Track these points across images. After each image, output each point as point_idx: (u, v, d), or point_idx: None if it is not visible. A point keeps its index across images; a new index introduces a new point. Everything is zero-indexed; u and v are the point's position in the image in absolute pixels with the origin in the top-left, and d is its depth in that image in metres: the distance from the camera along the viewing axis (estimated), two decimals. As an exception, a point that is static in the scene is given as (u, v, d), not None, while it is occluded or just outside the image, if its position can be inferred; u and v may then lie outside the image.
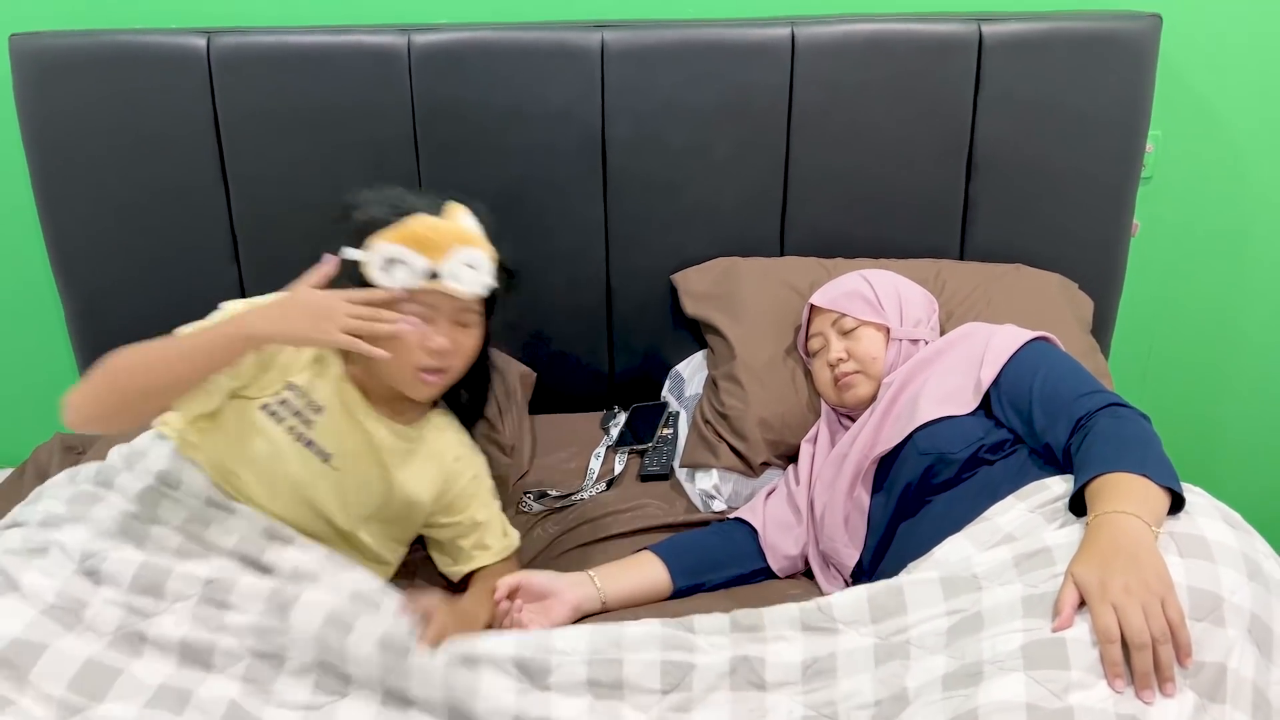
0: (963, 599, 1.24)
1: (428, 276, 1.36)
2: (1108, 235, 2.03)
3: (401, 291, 1.35)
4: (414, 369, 1.40)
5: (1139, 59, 1.91)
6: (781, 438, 1.75)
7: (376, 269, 1.35)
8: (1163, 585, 1.13)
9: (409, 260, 1.35)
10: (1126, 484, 1.24)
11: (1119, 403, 1.40)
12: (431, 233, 1.37)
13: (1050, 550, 1.24)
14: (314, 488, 1.43)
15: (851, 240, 1.98)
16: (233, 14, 1.91)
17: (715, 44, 1.88)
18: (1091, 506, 1.24)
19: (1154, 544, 1.17)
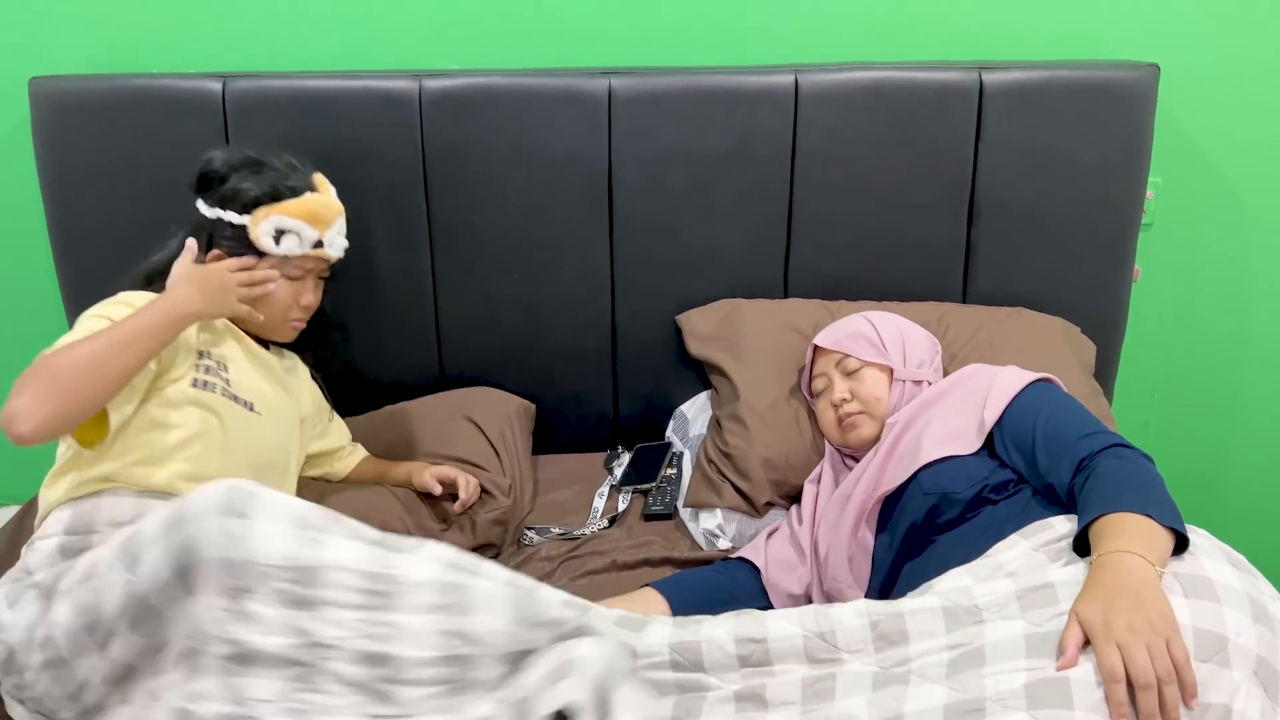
0: (965, 631, 1.24)
1: (313, 245, 1.56)
2: (1109, 280, 2.05)
3: (278, 258, 1.54)
4: (285, 320, 1.59)
5: (1137, 108, 1.94)
6: (785, 478, 1.76)
7: (265, 236, 1.53)
8: (1167, 625, 1.13)
9: (302, 232, 1.55)
10: (1130, 523, 1.24)
11: (1122, 443, 1.41)
12: (323, 209, 1.57)
13: (1054, 586, 1.24)
14: (259, 438, 1.52)
15: (855, 284, 2.00)
16: (249, 59, 1.95)
17: (720, 90, 1.91)
18: (1095, 546, 1.24)
19: (1158, 583, 1.17)
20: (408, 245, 1.97)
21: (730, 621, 1.34)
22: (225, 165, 1.55)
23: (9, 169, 2.02)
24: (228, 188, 1.54)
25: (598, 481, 1.96)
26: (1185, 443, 2.32)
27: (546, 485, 1.95)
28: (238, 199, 1.53)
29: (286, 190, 1.55)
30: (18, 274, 2.13)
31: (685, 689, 1.28)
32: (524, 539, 1.80)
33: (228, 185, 1.54)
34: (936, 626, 1.26)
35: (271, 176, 1.55)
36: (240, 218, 1.53)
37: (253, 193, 1.53)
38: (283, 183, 1.55)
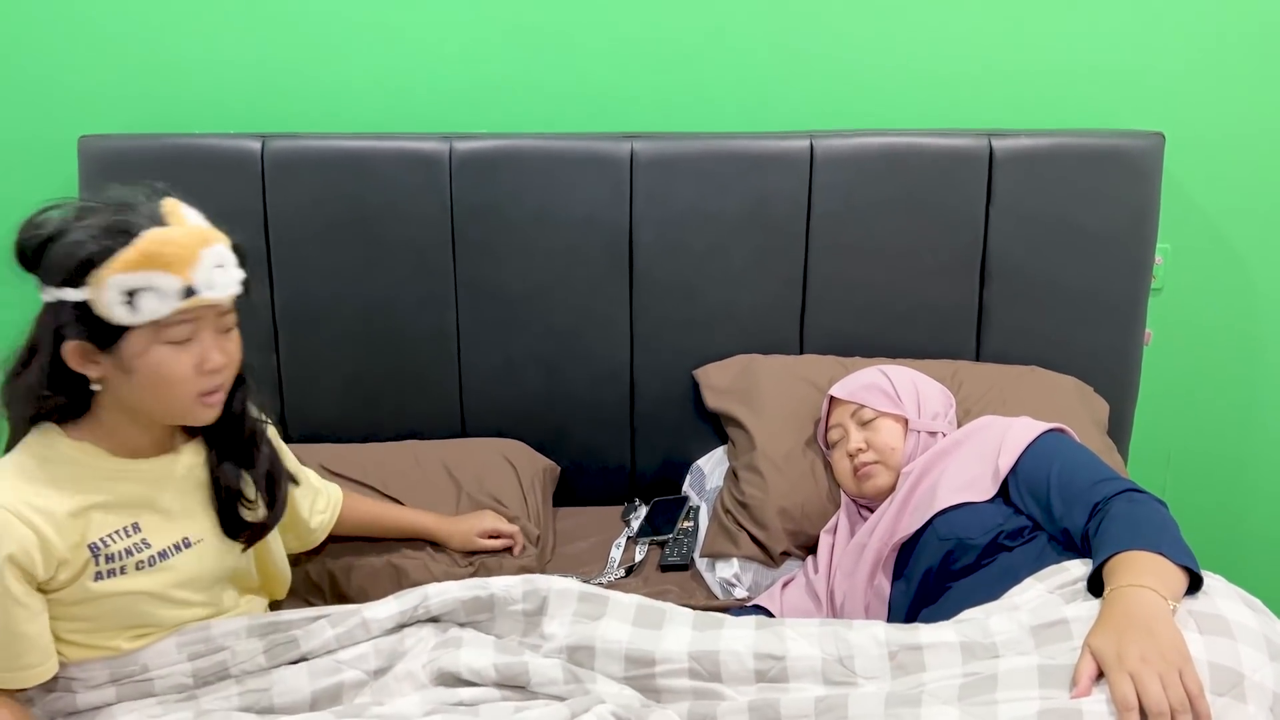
0: (980, 664, 1.25)
1: (183, 296, 1.20)
2: (1121, 343, 2.08)
3: (146, 327, 1.20)
4: (194, 397, 1.26)
5: (1144, 175, 2.00)
6: (801, 528, 1.78)
7: (116, 306, 1.17)
8: (1179, 656, 1.13)
9: (158, 285, 1.18)
10: (1142, 561, 1.25)
11: (1135, 488, 1.43)
12: (171, 246, 1.19)
13: (1068, 623, 1.25)
14: (208, 566, 1.36)
15: (869, 343, 2.04)
16: (287, 120, 2.04)
17: (738, 154, 1.98)
18: (1108, 582, 1.25)
19: (1170, 616, 1.18)
20: (434, 302, 2.03)
21: (751, 633, 1.34)
22: (51, 227, 1.19)
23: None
24: (54, 258, 1.17)
25: (615, 533, 1.98)
26: (1202, 510, 2.32)
27: (564, 536, 1.97)
28: (67, 268, 1.16)
29: (118, 238, 1.17)
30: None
31: (700, 695, 1.29)
32: (542, 587, 1.81)
33: (52, 254, 1.17)
34: (953, 658, 1.27)
35: (99, 228, 1.17)
36: (79, 292, 1.17)
37: (79, 254, 1.16)
38: (113, 230, 1.17)
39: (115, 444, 1.30)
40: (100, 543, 1.26)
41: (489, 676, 1.31)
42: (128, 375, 1.23)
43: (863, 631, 1.32)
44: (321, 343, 2.05)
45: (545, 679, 1.31)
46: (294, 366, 2.06)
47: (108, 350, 1.22)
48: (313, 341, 2.05)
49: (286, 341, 2.05)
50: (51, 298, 1.20)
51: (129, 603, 1.30)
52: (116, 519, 1.28)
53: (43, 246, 1.19)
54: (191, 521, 1.35)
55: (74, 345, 1.21)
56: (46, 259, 1.19)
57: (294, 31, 2.02)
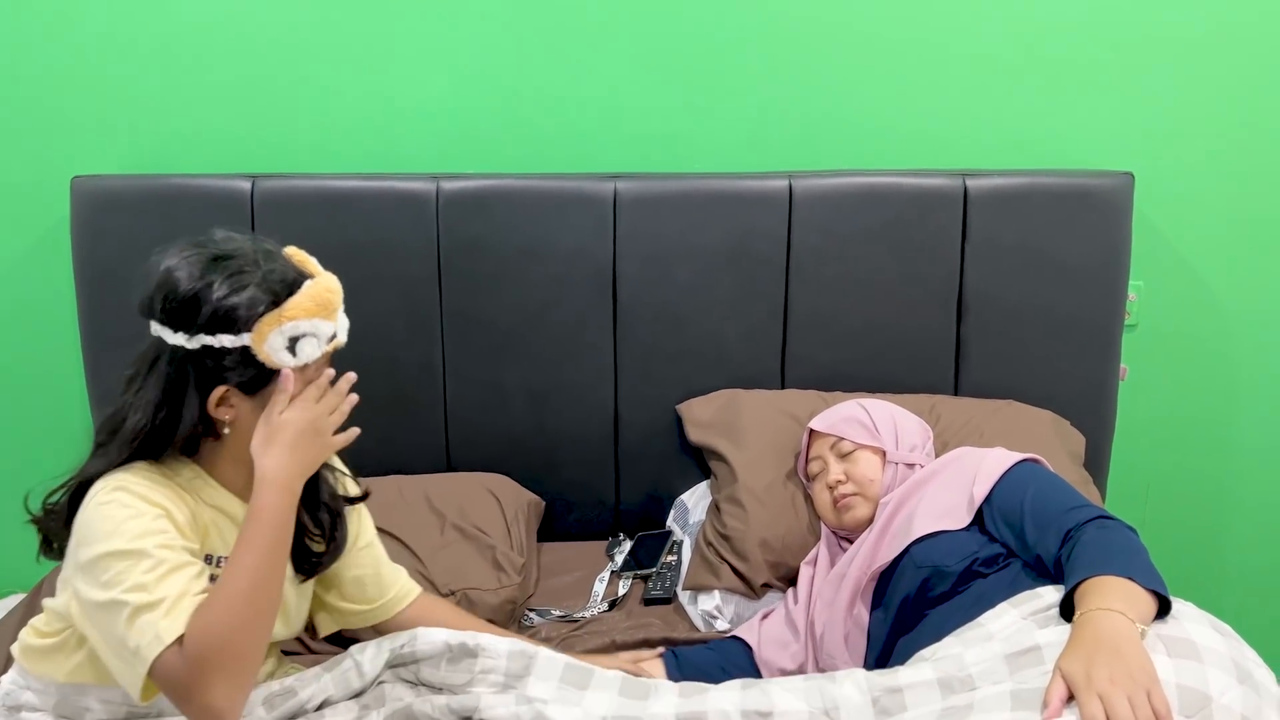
0: (958, 697, 1.27)
1: (329, 340, 1.29)
2: (1097, 379, 2.11)
3: (299, 367, 1.25)
4: None
5: (1114, 214, 2.05)
6: (782, 559, 1.79)
7: (279, 352, 1.23)
8: (1147, 677, 1.15)
9: (319, 332, 1.26)
10: (1111, 585, 1.28)
11: (1107, 515, 1.45)
12: (331, 294, 1.29)
13: (1040, 649, 1.27)
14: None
15: (849, 377, 2.07)
16: (277, 161, 2.08)
17: (719, 194, 2.03)
18: (1078, 606, 1.27)
19: (1138, 638, 1.20)
20: (421, 337, 2.06)
21: (737, 692, 1.35)
22: (194, 279, 1.22)
23: (46, 264, 2.13)
24: (213, 308, 1.21)
25: (599, 568, 1.99)
26: (1181, 540, 2.34)
27: (548, 570, 1.98)
28: (232, 316, 1.21)
29: (284, 289, 1.24)
30: (47, 369, 2.21)
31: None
32: (525, 620, 1.82)
33: (209, 305, 1.21)
34: (932, 695, 1.29)
35: (259, 277, 1.23)
36: (239, 339, 1.22)
37: (257, 308, 1.22)
38: (276, 279, 1.25)
39: (222, 480, 1.34)
40: (213, 558, 1.29)
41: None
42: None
43: (845, 682, 1.33)
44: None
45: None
46: (281, 402, 2.08)
47: (252, 395, 1.26)
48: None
49: (274, 377, 2.07)
50: (199, 345, 1.22)
51: None
52: (220, 545, 1.31)
53: (194, 298, 1.22)
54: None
55: (221, 390, 1.25)
56: (203, 309, 1.21)
57: (284, 74, 2.06)
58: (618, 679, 1.38)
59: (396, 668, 1.39)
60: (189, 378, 1.24)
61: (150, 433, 1.25)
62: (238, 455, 1.31)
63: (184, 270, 1.24)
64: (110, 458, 1.27)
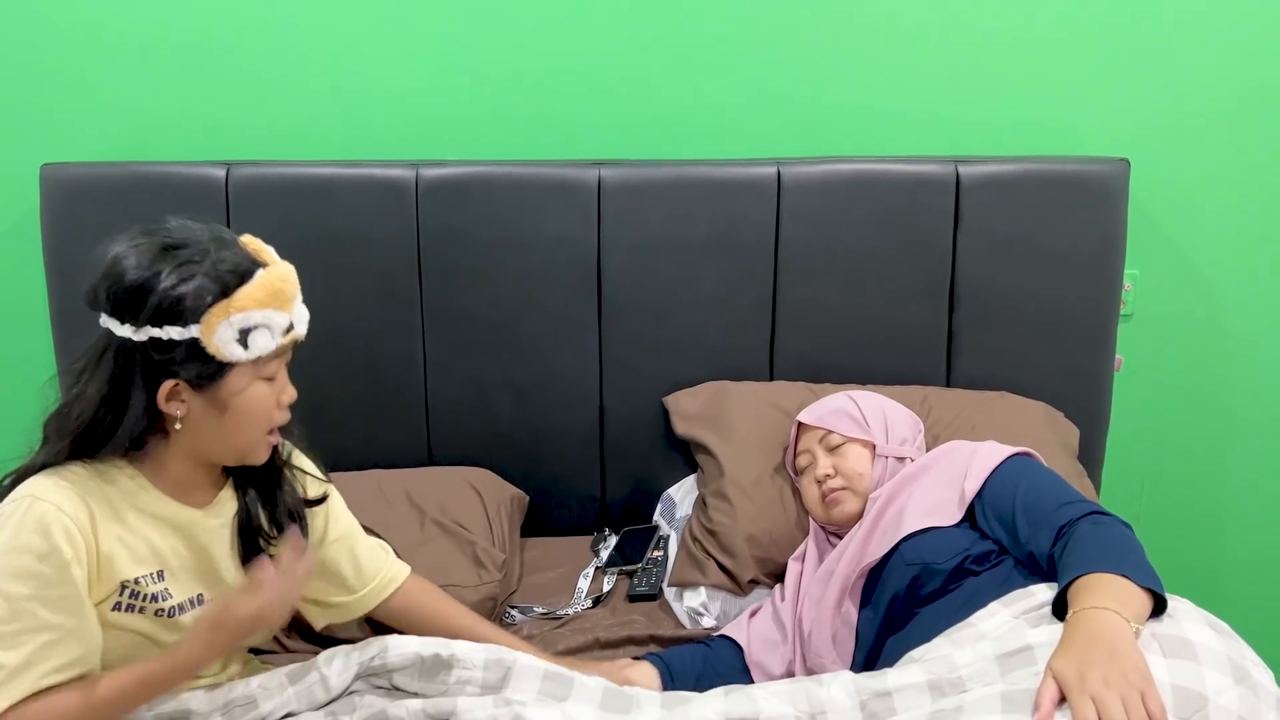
0: (948, 700, 1.23)
1: (285, 332, 1.25)
2: (1091, 369, 2.08)
3: (247, 363, 1.21)
4: (264, 435, 1.29)
5: (1109, 201, 2.00)
6: (770, 555, 1.75)
7: (229, 344, 1.19)
8: (1142, 678, 1.12)
9: (272, 322, 1.22)
10: (1105, 583, 1.24)
11: (1101, 511, 1.42)
12: (285, 283, 1.24)
13: (1032, 649, 1.23)
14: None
15: (839, 369, 2.03)
16: (253, 148, 2.03)
17: (705, 181, 1.98)
18: (1071, 605, 1.24)
19: (1132, 638, 1.16)
20: (400, 329, 2.01)
21: (720, 701, 1.31)
22: (142, 269, 1.17)
23: (16, 254, 2.08)
24: (159, 298, 1.16)
25: (583, 564, 1.95)
26: (1177, 534, 2.31)
27: (531, 566, 1.94)
28: (179, 308, 1.16)
29: (234, 278, 1.19)
30: (17, 359, 2.16)
31: None
32: (506, 617, 1.78)
33: (156, 295, 1.16)
34: (921, 699, 1.25)
35: (208, 266, 1.18)
36: (186, 330, 1.17)
37: (205, 298, 1.17)
38: (226, 268, 1.19)
39: (168, 485, 1.28)
40: (134, 581, 1.24)
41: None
42: (218, 413, 1.23)
43: (832, 685, 1.29)
44: (289, 368, 2.02)
45: None
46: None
47: (203, 389, 1.22)
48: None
49: (251, 370, 2.03)
50: (147, 337, 1.18)
51: (132, 642, 1.26)
52: (149, 560, 1.25)
53: (140, 287, 1.17)
54: (213, 578, 1.32)
55: (170, 384, 1.20)
56: (150, 299, 1.17)
57: (259, 58, 2.01)
58: (599, 689, 1.33)
59: (368, 678, 1.35)
60: (135, 371, 1.20)
61: (92, 427, 1.21)
62: (190, 451, 1.27)
63: (132, 259, 1.19)
64: (48, 453, 1.23)
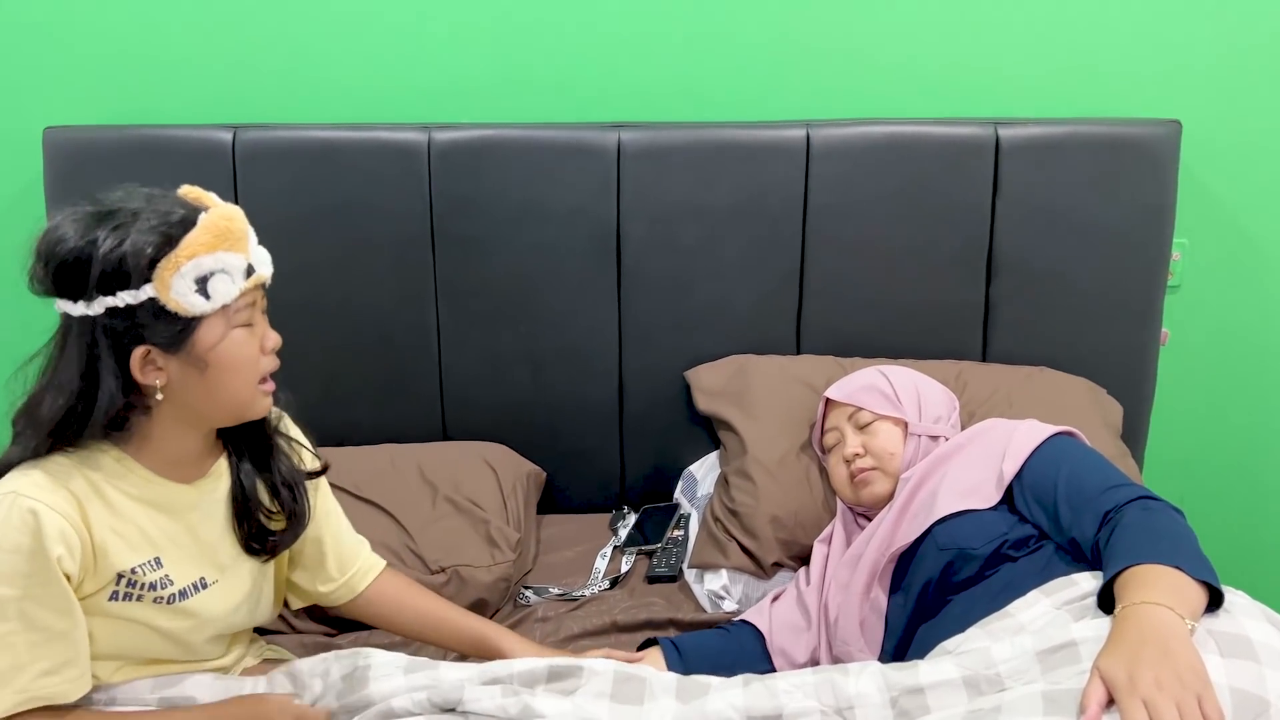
0: (985, 699, 1.15)
1: (246, 275, 1.18)
2: (1136, 343, 1.98)
3: (216, 313, 1.15)
4: (256, 385, 1.22)
5: (1159, 166, 1.90)
6: (794, 537, 1.68)
7: (188, 296, 1.12)
8: (1198, 680, 1.03)
9: (228, 265, 1.15)
10: (1157, 575, 1.15)
11: (1150, 495, 1.33)
12: (236, 223, 1.17)
13: (1076, 645, 1.15)
14: (216, 608, 1.28)
15: (870, 342, 1.95)
16: (261, 112, 1.96)
17: (730, 145, 1.89)
18: (1120, 599, 1.15)
19: (1187, 635, 1.08)
20: (413, 299, 1.94)
21: (739, 693, 1.23)
22: (78, 238, 1.11)
23: (21, 219, 2.02)
24: (101, 264, 1.10)
25: (601, 543, 1.89)
26: (1223, 520, 2.21)
27: (548, 545, 1.88)
28: (124, 269, 1.10)
29: (177, 226, 1.12)
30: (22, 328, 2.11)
31: None
32: (520, 598, 1.72)
33: (97, 261, 1.10)
34: (957, 697, 1.17)
35: (144, 220, 1.12)
36: (140, 291, 1.11)
37: (145, 251, 1.10)
38: (164, 219, 1.12)
39: (158, 461, 1.23)
40: (130, 571, 1.19)
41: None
42: (199, 372, 1.17)
43: (860, 677, 1.22)
44: (297, 341, 1.92)
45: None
46: (268, 367, 1.98)
47: (177, 350, 1.16)
48: (289, 341, 1.92)
49: (260, 341, 1.97)
50: (102, 308, 1.12)
51: (131, 629, 1.22)
52: (144, 548, 1.20)
53: (83, 258, 1.11)
54: (212, 558, 1.28)
55: (141, 352, 1.14)
56: (92, 268, 1.11)
57: (266, 18, 1.93)
58: (610, 676, 1.26)
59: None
60: (101, 347, 1.13)
61: (67, 416, 1.14)
62: (181, 420, 1.21)
63: (66, 231, 1.12)
64: (25, 447, 1.16)
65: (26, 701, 1.13)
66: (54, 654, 1.14)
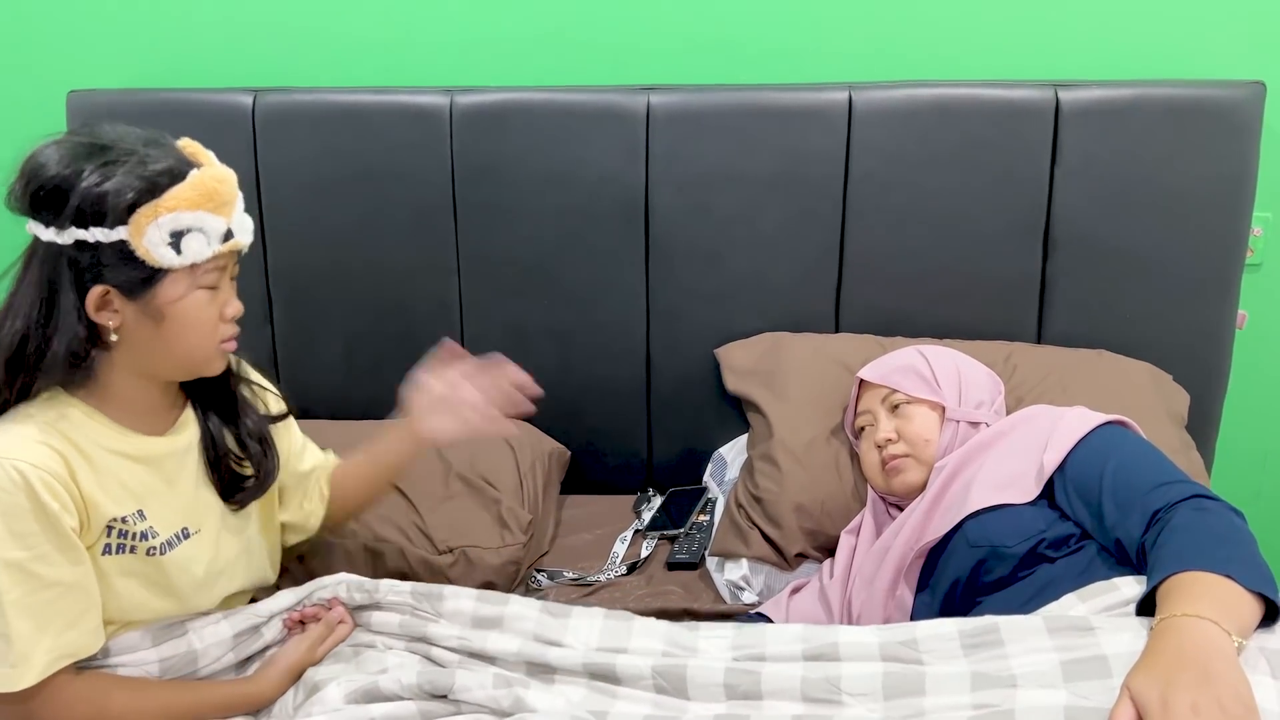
0: (993, 693, 1.04)
1: (224, 239, 1.16)
2: (1208, 325, 1.83)
3: (183, 270, 1.14)
4: (216, 345, 1.21)
5: (1239, 132, 1.74)
6: (820, 527, 1.58)
7: (159, 247, 1.11)
8: (1241, 707, 0.91)
9: (207, 226, 1.13)
10: (1204, 584, 1.04)
11: (1205, 494, 1.20)
12: (221, 185, 1.15)
13: (1107, 659, 1.04)
14: (203, 556, 1.26)
15: (914, 320, 1.83)
16: (283, 76, 1.91)
17: (766, 109, 1.78)
18: (1161, 608, 1.04)
19: (1233, 655, 0.96)
20: (434, 268, 1.89)
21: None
22: (62, 166, 1.10)
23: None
24: (81, 197, 1.09)
25: (624, 526, 1.81)
26: (1304, 517, 2.04)
27: (569, 527, 1.82)
28: (102, 207, 1.09)
29: (164, 176, 1.11)
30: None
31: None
32: (532, 581, 1.65)
33: (78, 194, 1.09)
34: (961, 685, 1.08)
35: (134, 163, 1.11)
36: (112, 231, 1.10)
37: (126, 195, 1.09)
38: (154, 167, 1.11)
39: (123, 413, 1.20)
40: (120, 520, 1.18)
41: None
42: (154, 324, 1.15)
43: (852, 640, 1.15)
44: (318, 311, 1.93)
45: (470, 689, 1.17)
46: (290, 337, 1.95)
47: (136, 297, 1.14)
48: (308, 311, 1.94)
49: (281, 310, 1.93)
50: (71, 239, 1.11)
51: (128, 590, 1.20)
52: (126, 500, 1.19)
53: (59, 186, 1.10)
54: (191, 509, 1.26)
55: (100, 291, 1.12)
56: (71, 198, 1.10)
57: (288, -22, 1.88)
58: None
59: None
60: (62, 277, 1.12)
61: (24, 344, 1.12)
62: (133, 367, 1.19)
63: (53, 156, 1.11)
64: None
65: (55, 661, 1.12)
66: (69, 607, 1.13)
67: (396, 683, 1.19)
